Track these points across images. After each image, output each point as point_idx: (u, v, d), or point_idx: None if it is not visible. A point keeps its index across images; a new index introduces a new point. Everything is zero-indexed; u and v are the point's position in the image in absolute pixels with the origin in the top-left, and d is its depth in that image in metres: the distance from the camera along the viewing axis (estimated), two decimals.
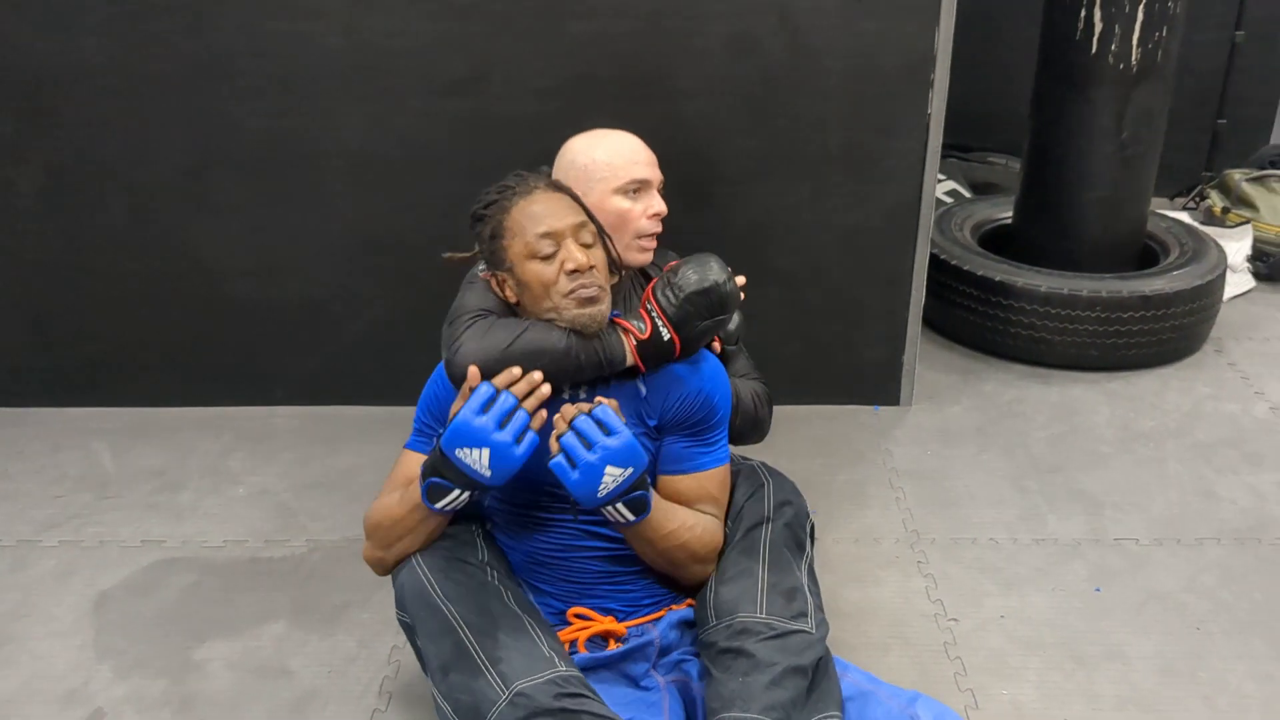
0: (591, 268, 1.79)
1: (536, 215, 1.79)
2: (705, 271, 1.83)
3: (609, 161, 2.03)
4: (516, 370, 1.72)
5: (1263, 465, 2.85)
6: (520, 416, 1.69)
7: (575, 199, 1.86)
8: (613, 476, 1.69)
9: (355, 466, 2.86)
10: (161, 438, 2.99)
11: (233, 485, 2.80)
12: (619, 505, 1.75)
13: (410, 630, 1.82)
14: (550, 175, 1.95)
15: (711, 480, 1.93)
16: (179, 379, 3.11)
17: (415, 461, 1.90)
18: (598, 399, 1.74)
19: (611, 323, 1.84)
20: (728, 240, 2.89)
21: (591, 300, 1.78)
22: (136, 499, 2.73)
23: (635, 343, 1.84)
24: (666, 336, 1.83)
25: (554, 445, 1.70)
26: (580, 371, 1.81)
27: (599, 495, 1.70)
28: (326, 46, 2.74)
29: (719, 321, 1.86)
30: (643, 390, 1.87)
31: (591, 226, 1.83)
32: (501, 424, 1.68)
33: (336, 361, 3.10)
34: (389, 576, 1.89)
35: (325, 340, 3.07)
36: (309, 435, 3.01)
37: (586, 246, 1.80)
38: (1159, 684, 2.12)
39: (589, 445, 1.68)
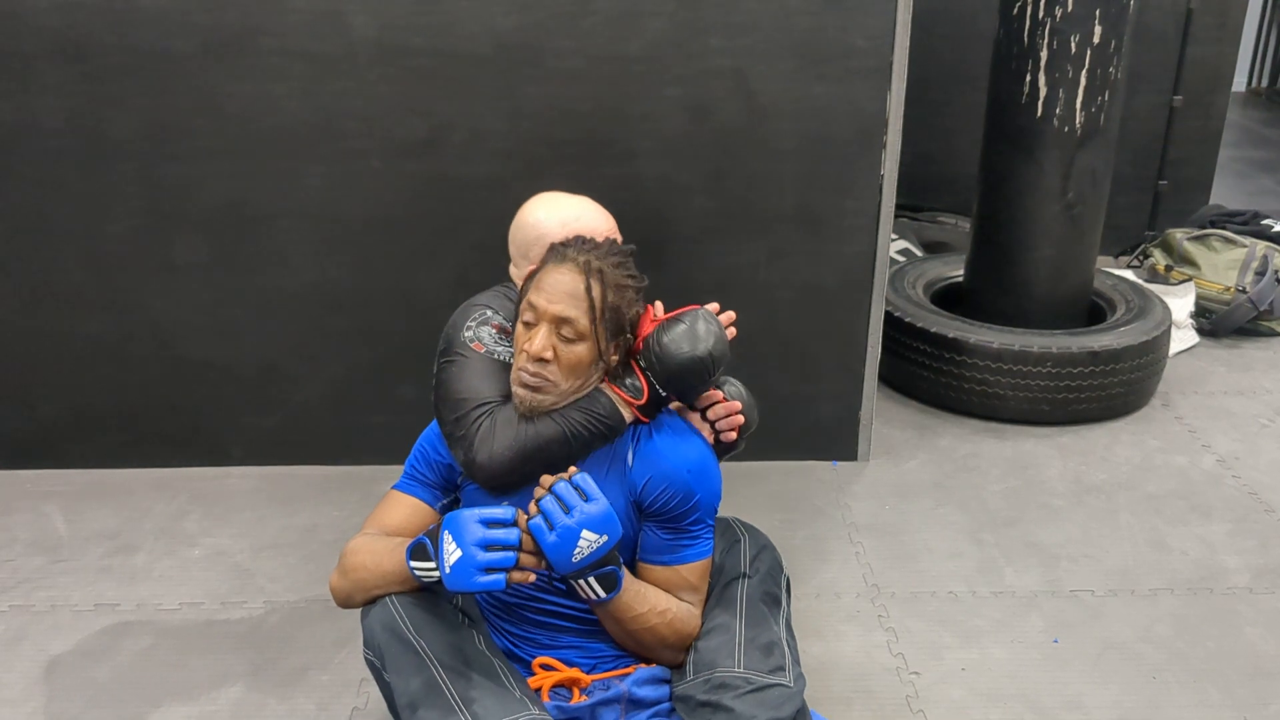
0: (547, 361, 1.78)
1: (542, 286, 1.79)
2: (695, 344, 1.82)
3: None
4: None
5: (1211, 516, 2.91)
6: (505, 557, 1.65)
7: (595, 293, 1.79)
8: (588, 541, 1.69)
9: (313, 526, 2.84)
10: (115, 500, 2.95)
11: (188, 547, 2.76)
12: (590, 580, 1.75)
13: (377, 669, 1.79)
14: (616, 251, 1.87)
15: (692, 571, 1.91)
16: (133, 440, 3.07)
17: (400, 501, 1.93)
18: (571, 469, 1.75)
19: (608, 388, 1.85)
20: (685, 299, 2.92)
21: (530, 388, 1.79)
22: (89, 562, 2.69)
23: (636, 407, 1.86)
24: (664, 394, 1.86)
25: (533, 508, 1.71)
26: (588, 448, 1.85)
27: (574, 561, 1.69)
28: (286, 108, 2.76)
29: (709, 381, 1.88)
30: (630, 460, 1.88)
31: (582, 324, 1.78)
32: (488, 549, 1.65)
33: (293, 421, 3.08)
34: (356, 630, 1.87)
35: (282, 400, 3.06)
36: (265, 496, 2.98)
37: (566, 340, 1.78)
38: None
39: (567, 509, 1.69)
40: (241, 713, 2.18)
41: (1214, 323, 4.11)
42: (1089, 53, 3.25)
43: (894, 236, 4.46)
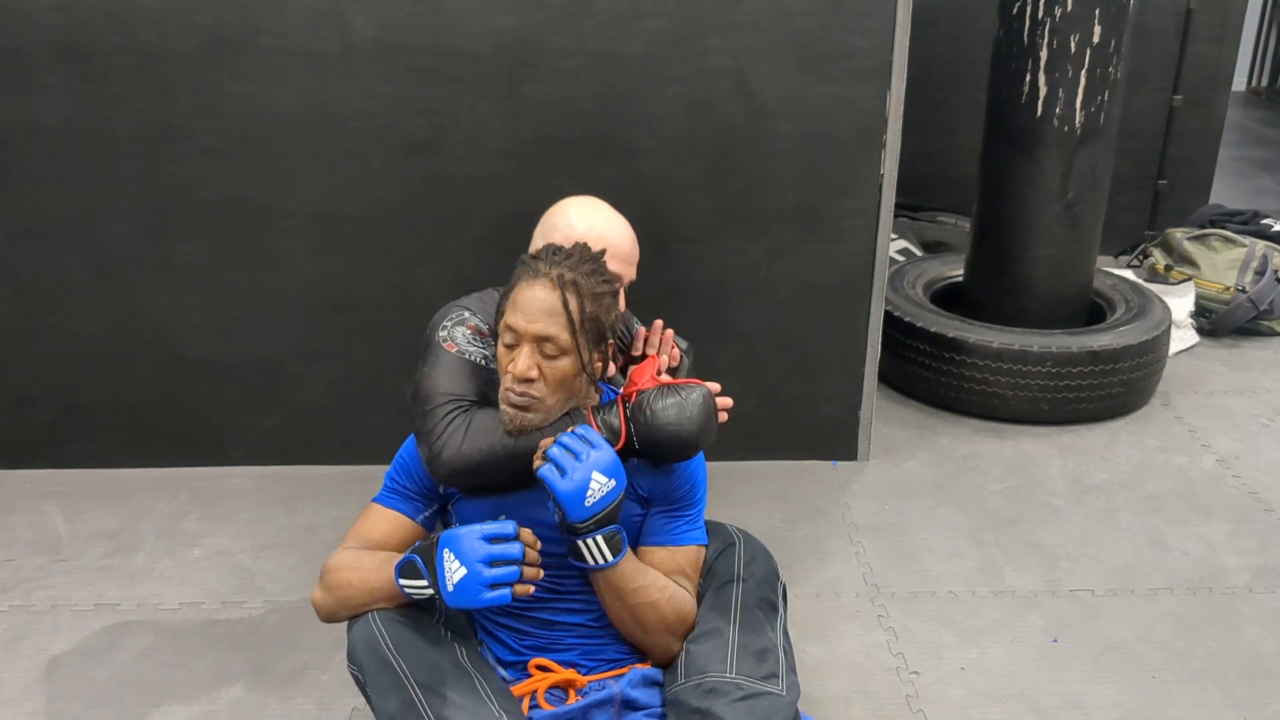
0: (532, 380, 1.77)
1: (518, 305, 1.78)
2: (682, 419, 1.80)
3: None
4: (535, 541, 1.71)
5: (1211, 516, 2.90)
6: (509, 572, 1.66)
7: (573, 306, 1.77)
8: (599, 484, 1.71)
9: (313, 526, 2.84)
10: (115, 500, 2.95)
11: (188, 547, 2.76)
12: (598, 539, 1.75)
13: (360, 684, 1.80)
14: (588, 258, 1.84)
15: (686, 556, 1.93)
16: (133, 440, 3.07)
17: (381, 515, 1.92)
18: (571, 427, 1.77)
19: (589, 417, 1.85)
20: (685, 298, 2.94)
21: (518, 408, 1.79)
22: (89, 562, 2.69)
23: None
24: (638, 446, 1.84)
25: (539, 459, 1.72)
26: None
27: (586, 504, 1.71)
28: (286, 108, 2.76)
29: (686, 459, 1.88)
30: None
31: (563, 339, 1.77)
32: (492, 564, 1.66)
33: (294, 421, 3.08)
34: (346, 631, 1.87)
35: (283, 400, 3.06)
36: (266, 496, 2.98)
37: (548, 358, 1.78)
38: None
39: (576, 456, 1.71)
40: (241, 713, 2.18)
41: (1214, 322, 4.11)
42: (1089, 52, 3.25)
43: (893, 236, 4.46)
